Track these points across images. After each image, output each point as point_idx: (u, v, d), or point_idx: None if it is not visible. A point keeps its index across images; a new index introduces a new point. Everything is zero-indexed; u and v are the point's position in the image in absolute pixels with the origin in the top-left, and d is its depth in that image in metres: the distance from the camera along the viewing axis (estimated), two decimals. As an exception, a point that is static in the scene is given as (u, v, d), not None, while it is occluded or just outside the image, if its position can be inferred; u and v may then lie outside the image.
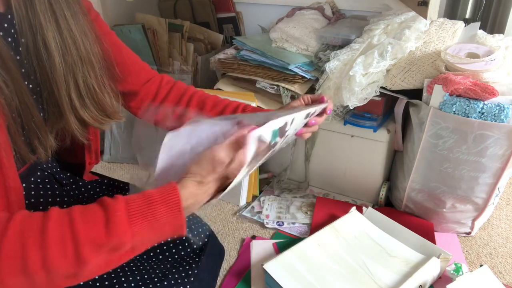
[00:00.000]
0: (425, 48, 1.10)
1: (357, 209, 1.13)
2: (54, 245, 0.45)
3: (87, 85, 0.61)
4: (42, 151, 0.59)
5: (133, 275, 0.70)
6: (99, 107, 0.64)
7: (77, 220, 0.47)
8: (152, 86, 0.82)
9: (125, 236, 0.48)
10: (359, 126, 1.17)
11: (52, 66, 0.56)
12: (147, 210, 0.50)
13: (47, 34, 0.55)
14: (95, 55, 0.62)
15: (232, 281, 0.97)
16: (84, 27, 0.60)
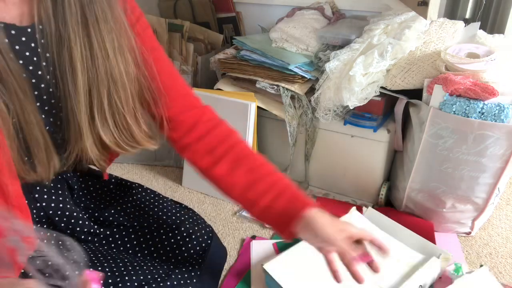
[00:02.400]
0: (425, 48, 1.10)
1: (357, 209, 1.13)
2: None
3: (113, 105, 0.56)
4: (43, 171, 0.57)
5: (137, 274, 0.70)
6: (126, 132, 0.59)
7: None
8: (191, 116, 0.69)
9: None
10: (359, 126, 1.17)
11: (75, 84, 0.53)
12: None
13: (74, 48, 0.52)
14: (128, 75, 0.57)
15: (232, 281, 0.97)
16: (121, 44, 0.56)
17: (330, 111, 1.18)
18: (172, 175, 1.46)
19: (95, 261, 0.71)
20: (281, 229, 0.66)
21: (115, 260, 0.72)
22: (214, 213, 1.25)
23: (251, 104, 1.21)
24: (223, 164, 0.67)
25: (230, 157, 0.68)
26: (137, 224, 0.80)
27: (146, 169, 1.50)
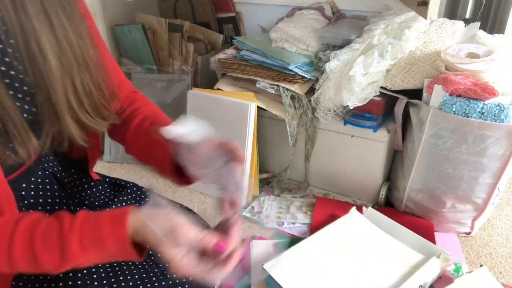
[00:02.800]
0: (425, 48, 1.10)
1: (357, 209, 1.13)
2: (22, 264, 0.54)
3: (84, 87, 0.61)
4: (23, 153, 0.58)
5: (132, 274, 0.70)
6: (98, 109, 0.64)
7: (37, 246, 0.54)
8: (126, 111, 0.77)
9: (78, 261, 0.55)
10: (359, 126, 1.17)
11: (48, 70, 0.55)
12: (98, 244, 0.55)
13: (41, 37, 0.54)
14: (91, 58, 0.61)
15: (232, 281, 0.97)
16: (80, 30, 0.59)
17: (330, 111, 1.17)
18: (172, 175, 1.46)
19: None
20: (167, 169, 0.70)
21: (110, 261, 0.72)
22: (214, 213, 1.25)
23: (251, 104, 1.20)
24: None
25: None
26: None
27: (146, 169, 1.50)
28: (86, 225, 0.56)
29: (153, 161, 0.73)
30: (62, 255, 0.54)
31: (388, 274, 0.93)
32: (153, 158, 0.73)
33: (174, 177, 0.70)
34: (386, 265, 0.96)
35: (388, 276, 0.92)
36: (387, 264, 0.96)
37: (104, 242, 0.55)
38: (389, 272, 0.93)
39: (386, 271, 0.94)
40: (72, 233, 0.55)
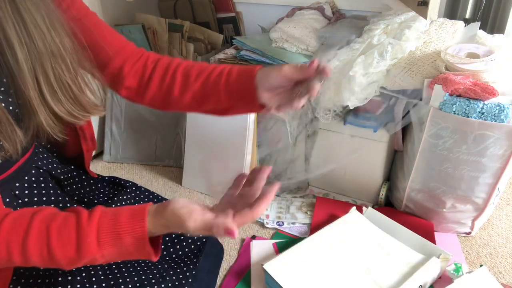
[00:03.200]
0: (425, 48, 1.10)
1: (357, 209, 1.13)
2: (35, 257, 0.53)
3: (59, 79, 0.59)
4: (10, 147, 0.57)
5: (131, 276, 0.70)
6: (74, 101, 0.62)
7: (53, 239, 0.54)
8: (139, 67, 0.76)
9: (95, 256, 0.54)
10: (359, 126, 1.17)
11: (16, 61, 0.54)
12: (115, 239, 0.55)
13: (7, 27, 0.52)
14: (66, 48, 0.59)
15: (232, 281, 0.97)
16: (52, 19, 0.58)
17: (330, 111, 1.17)
18: (172, 175, 1.46)
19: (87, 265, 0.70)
20: (246, 99, 0.72)
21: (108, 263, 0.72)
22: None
23: (251, 104, 1.20)
24: (176, 85, 0.74)
25: (179, 76, 0.75)
26: None
27: (146, 169, 1.50)
28: (104, 220, 0.55)
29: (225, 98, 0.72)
30: (78, 250, 0.53)
31: (388, 274, 0.93)
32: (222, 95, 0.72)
33: (254, 107, 0.71)
34: (386, 265, 0.96)
35: (388, 276, 0.92)
36: (387, 264, 0.96)
37: (122, 237, 0.54)
38: (389, 272, 0.93)
39: (386, 271, 0.94)
40: (90, 227, 0.54)
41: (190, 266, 0.78)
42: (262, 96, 0.69)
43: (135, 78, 0.75)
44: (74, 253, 0.54)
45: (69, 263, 0.54)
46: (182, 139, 1.45)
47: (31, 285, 0.65)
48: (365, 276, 0.93)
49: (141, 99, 0.77)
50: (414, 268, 0.93)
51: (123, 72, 0.74)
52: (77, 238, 0.54)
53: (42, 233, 0.54)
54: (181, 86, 0.74)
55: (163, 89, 0.75)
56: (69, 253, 0.54)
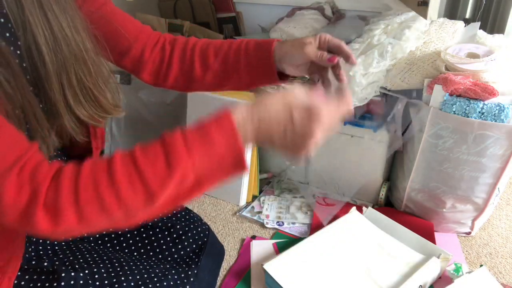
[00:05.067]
0: (425, 48, 1.10)
1: (357, 209, 1.13)
2: (123, 183, 0.48)
3: (82, 82, 0.59)
4: (45, 149, 0.58)
5: (133, 275, 0.70)
6: (95, 104, 0.62)
7: (139, 158, 0.50)
8: (158, 50, 0.78)
9: (186, 166, 0.50)
10: (359, 126, 1.17)
11: (44, 64, 0.54)
12: (203, 137, 0.50)
13: (36, 31, 0.53)
14: (88, 51, 0.60)
15: (232, 281, 0.97)
16: (74, 22, 0.58)
17: (330, 111, 1.17)
18: (172, 175, 1.46)
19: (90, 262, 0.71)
20: (266, 73, 0.74)
21: (111, 260, 0.72)
22: (214, 213, 1.25)
23: (251, 104, 1.20)
24: (196, 66, 0.76)
25: (197, 57, 0.76)
26: None
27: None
28: (188, 129, 0.52)
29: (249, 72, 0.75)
30: (168, 162, 0.49)
31: (388, 274, 0.93)
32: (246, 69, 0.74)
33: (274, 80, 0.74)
34: (386, 265, 0.96)
35: (388, 276, 0.92)
36: (387, 264, 0.96)
37: (211, 137, 0.50)
38: (389, 272, 0.93)
39: (386, 271, 0.94)
40: (174, 136, 0.51)
41: (192, 266, 0.79)
42: (285, 69, 0.74)
43: (156, 62, 0.77)
44: (164, 168, 0.49)
45: (161, 184, 0.49)
46: (182, 139, 1.45)
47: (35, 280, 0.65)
48: (365, 276, 0.93)
49: (164, 82, 0.79)
50: (414, 268, 0.93)
51: (144, 57, 0.76)
52: (164, 150, 0.50)
53: (126, 158, 0.50)
54: (201, 67, 0.76)
55: (184, 71, 0.77)
56: (159, 170, 0.49)
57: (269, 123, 0.53)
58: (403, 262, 0.96)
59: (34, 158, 0.49)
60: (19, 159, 0.48)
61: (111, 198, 0.48)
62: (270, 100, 0.53)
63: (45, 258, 0.68)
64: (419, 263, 0.95)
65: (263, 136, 0.53)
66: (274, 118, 0.53)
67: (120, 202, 0.48)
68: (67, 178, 0.48)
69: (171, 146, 0.50)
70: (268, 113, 0.53)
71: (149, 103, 1.50)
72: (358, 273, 0.93)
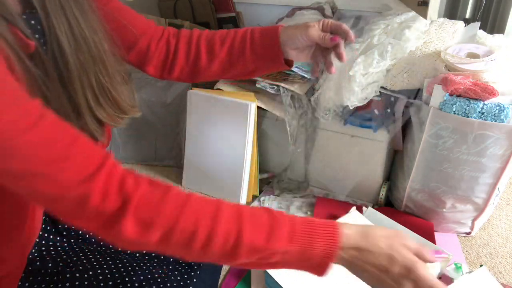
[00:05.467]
0: (425, 48, 1.10)
1: (357, 209, 1.13)
2: (221, 234, 0.49)
3: (100, 84, 0.59)
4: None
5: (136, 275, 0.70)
6: (114, 105, 0.62)
7: (245, 221, 0.50)
8: (163, 43, 0.80)
9: (279, 251, 0.51)
10: (359, 126, 1.17)
11: (66, 66, 0.54)
12: (307, 237, 0.52)
13: (59, 32, 0.53)
14: (106, 52, 0.60)
15: (232, 281, 0.97)
16: (93, 24, 0.58)
17: (330, 111, 1.18)
18: (172, 175, 1.46)
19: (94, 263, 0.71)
20: (272, 58, 0.77)
21: (114, 261, 0.72)
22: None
23: (251, 104, 1.21)
24: (203, 57, 0.78)
25: (203, 48, 0.78)
26: None
27: (146, 169, 1.50)
28: (296, 218, 0.53)
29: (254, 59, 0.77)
30: (268, 238, 0.50)
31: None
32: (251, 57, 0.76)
33: (280, 65, 0.77)
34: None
35: (388, 276, 0.92)
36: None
37: (314, 237, 0.51)
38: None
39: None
40: (283, 218, 0.52)
41: (194, 266, 0.79)
42: (289, 54, 0.76)
43: (161, 55, 0.79)
44: (262, 241, 0.50)
45: (249, 252, 0.50)
46: (182, 139, 1.45)
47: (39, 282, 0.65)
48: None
49: (169, 74, 0.81)
50: (414, 268, 0.93)
51: (150, 51, 0.78)
52: (270, 225, 0.51)
53: (234, 212, 0.51)
54: (207, 56, 0.78)
55: (190, 61, 0.79)
56: (257, 240, 0.50)
57: (368, 259, 0.54)
58: (403, 262, 0.96)
59: (118, 168, 0.50)
60: (102, 165, 0.48)
61: (202, 239, 0.49)
62: (379, 238, 0.53)
63: (49, 259, 0.68)
64: (419, 263, 0.95)
65: (359, 263, 0.55)
66: (374, 258, 0.53)
67: (206, 247, 0.49)
68: (173, 203, 0.49)
69: (278, 225, 0.51)
70: (371, 252, 0.53)
71: (149, 103, 1.50)
72: (358, 273, 0.93)
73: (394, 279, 0.52)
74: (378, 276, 0.54)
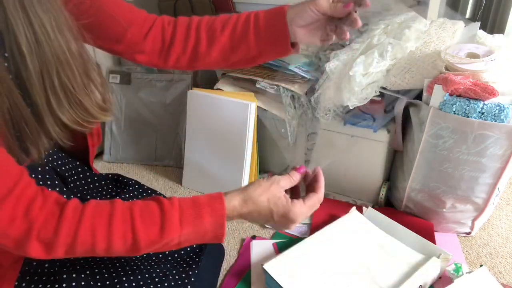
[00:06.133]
0: (425, 48, 1.10)
1: (357, 209, 1.13)
2: (117, 239, 0.57)
3: (65, 86, 0.57)
4: (35, 152, 0.58)
5: (134, 275, 0.70)
6: (80, 108, 0.60)
7: (137, 220, 0.57)
8: (156, 31, 0.77)
9: (175, 235, 0.59)
10: (359, 126, 1.17)
11: (26, 66, 0.53)
12: (196, 218, 0.60)
13: (17, 32, 0.51)
14: (72, 53, 0.57)
15: (232, 281, 0.97)
16: (58, 23, 0.55)
17: (330, 111, 1.18)
18: (172, 175, 1.46)
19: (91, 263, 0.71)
20: (278, 39, 0.75)
21: (112, 261, 0.72)
22: (214, 213, 1.25)
23: (251, 104, 1.21)
24: (203, 43, 0.76)
25: (203, 33, 0.76)
26: None
27: (146, 169, 1.50)
28: (184, 203, 0.60)
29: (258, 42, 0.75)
30: (162, 230, 0.58)
31: (388, 274, 0.93)
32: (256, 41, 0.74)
33: (286, 49, 0.75)
34: (386, 265, 0.96)
35: (388, 276, 0.92)
36: (387, 264, 0.96)
37: (202, 216, 0.60)
38: (389, 272, 0.93)
39: (386, 271, 0.94)
40: (173, 209, 0.59)
41: (192, 266, 0.79)
42: (297, 33, 0.73)
43: (156, 43, 0.77)
44: (157, 234, 0.58)
45: (149, 245, 0.58)
46: (182, 139, 1.45)
47: (36, 282, 0.65)
48: (365, 276, 0.93)
49: (164, 62, 0.79)
50: (414, 268, 0.93)
51: (140, 40, 0.76)
52: (161, 218, 0.58)
53: (126, 215, 0.57)
54: (208, 41, 0.76)
55: (188, 48, 0.77)
56: (152, 235, 0.57)
57: (255, 217, 0.67)
58: (403, 262, 0.96)
59: (28, 191, 0.54)
60: (12, 190, 0.52)
61: (102, 246, 0.56)
62: (259, 199, 0.66)
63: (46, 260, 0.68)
64: (419, 263, 0.95)
65: (248, 220, 0.69)
66: (258, 215, 0.67)
67: (108, 251, 0.57)
68: (69, 221, 0.55)
69: (167, 217, 0.59)
70: (256, 211, 0.66)
71: (149, 103, 1.50)
72: (358, 273, 0.93)
73: (277, 221, 0.68)
74: (265, 222, 0.69)
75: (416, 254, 0.98)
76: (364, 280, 0.91)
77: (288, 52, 0.76)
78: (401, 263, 0.96)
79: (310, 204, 0.70)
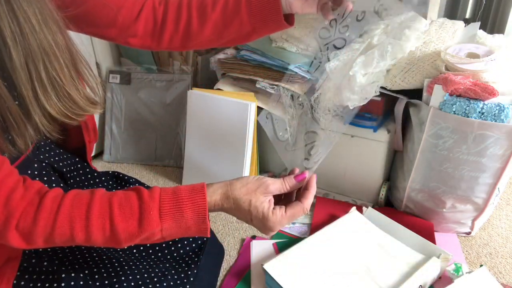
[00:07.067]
0: (425, 48, 1.10)
1: (357, 209, 1.13)
2: (96, 230, 0.55)
3: (52, 78, 0.57)
4: (22, 143, 0.57)
5: (133, 275, 0.70)
6: (68, 100, 0.60)
7: (115, 213, 0.56)
8: (148, 12, 0.76)
9: (155, 230, 0.57)
10: (359, 126, 1.17)
11: (11, 60, 0.53)
12: (176, 212, 0.58)
13: (2, 26, 0.51)
14: (58, 45, 0.57)
15: (232, 281, 0.97)
16: (44, 15, 0.55)
17: (330, 111, 1.17)
18: (172, 175, 1.46)
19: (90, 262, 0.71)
20: (271, 14, 0.74)
21: (111, 260, 0.72)
22: (214, 213, 1.25)
23: (251, 104, 1.21)
24: (194, 21, 0.75)
25: (194, 11, 0.75)
26: None
27: (146, 169, 1.50)
28: (165, 195, 0.58)
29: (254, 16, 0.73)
30: (141, 223, 0.56)
31: (388, 274, 0.93)
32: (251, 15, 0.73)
33: (279, 23, 0.74)
34: (386, 265, 0.96)
35: (388, 276, 0.92)
36: (387, 264, 0.96)
37: (183, 210, 0.58)
38: (389, 272, 0.93)
39: (386, 271, 0.94)
40: (152, 201, 0.57)
41: (192, 265, 0.78)
42: (293, 6, 0.72)
43: (148, 24, 0.76)
44: (136, 227, 0.56)
45: (129, 238, 0.56)
46: (182, 139, 1.45)
47: (35, 280, 0.65)
48: (365, 276, 0.93)
49: (158, 43, 0.78)
50: (414, 268, 0.93)
51: (132, 21, 0.75)
52: (140, 211, 0.56)
53: (104, 207, 0.56)
54: (199, 19, 0.75)
55: (180, 27, 0.76)
56: (131, 227, 0.56)
57: (234, 214, 0.65)
58: (403, 262, 0.96)
59: (8, 180, 0.54)
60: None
61: (81, 237, 0.55)
62: (241, 198, 0.63)
63: (45, 257, 0.68)
64: (419, 263, 0.95)
65: (229, 214, 0.66)
66: (238, 214, 0.65)
67: (87, 242, 0.56)
68: (47, 212, 0.54)
69: (146, 211, 0.57)
70: (236, 210, 0.64)
71: (149, 103, 1.50)
72: (358, 273, 0.93)
73: (255, 224, 0.65)
74: (245, 221, 0.66)
75: (416, 254, 0.98)
76: (364, 280, 0.91)
77: (282, 24, 0.75)
78: (401, 263, 0.96)
79: (291, 213, 0.66)
